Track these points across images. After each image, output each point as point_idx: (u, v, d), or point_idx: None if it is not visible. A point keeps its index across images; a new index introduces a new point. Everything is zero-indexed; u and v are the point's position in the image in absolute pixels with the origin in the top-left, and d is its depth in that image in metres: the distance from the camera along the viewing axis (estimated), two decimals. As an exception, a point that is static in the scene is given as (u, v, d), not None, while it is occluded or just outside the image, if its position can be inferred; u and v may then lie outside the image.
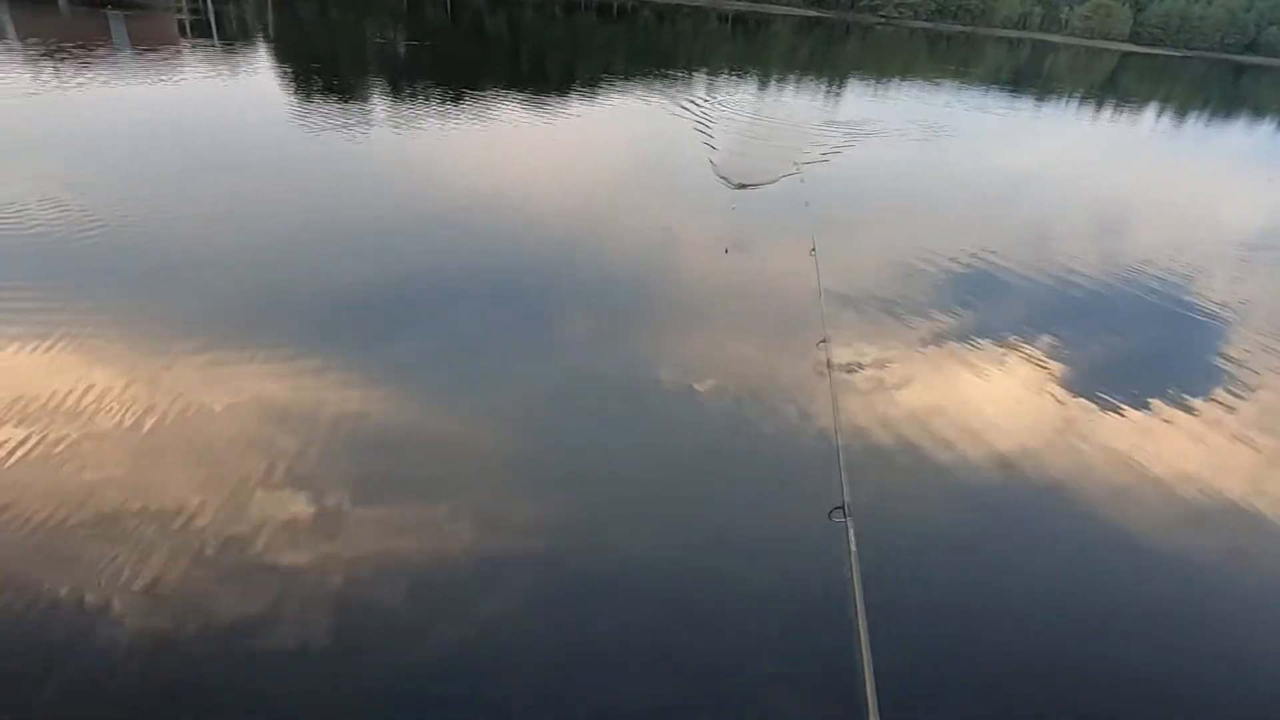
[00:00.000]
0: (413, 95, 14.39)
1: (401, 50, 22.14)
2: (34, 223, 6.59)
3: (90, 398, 4.30)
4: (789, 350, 5.81)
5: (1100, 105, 24.05)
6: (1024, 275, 7.94)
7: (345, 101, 13.06)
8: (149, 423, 4.15)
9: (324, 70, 16.36)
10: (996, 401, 5.40)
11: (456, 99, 14.05)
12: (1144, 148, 18.01)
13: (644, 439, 4.65)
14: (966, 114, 19.94)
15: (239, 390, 4.53)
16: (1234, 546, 4.23)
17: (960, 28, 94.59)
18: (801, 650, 3.26)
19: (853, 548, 3.50)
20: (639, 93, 16.45)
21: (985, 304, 7.11)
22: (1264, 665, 3.50)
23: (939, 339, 6.23)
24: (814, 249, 7.41)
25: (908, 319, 6.54)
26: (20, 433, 3.95)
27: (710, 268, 7.41)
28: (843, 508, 3.75)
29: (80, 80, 11.95)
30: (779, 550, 3.84)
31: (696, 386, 5.11)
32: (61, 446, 3.89)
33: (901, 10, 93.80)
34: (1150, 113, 23.58)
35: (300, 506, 3.69)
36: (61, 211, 6.89)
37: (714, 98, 17.38)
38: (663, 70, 21.06)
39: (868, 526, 3.68)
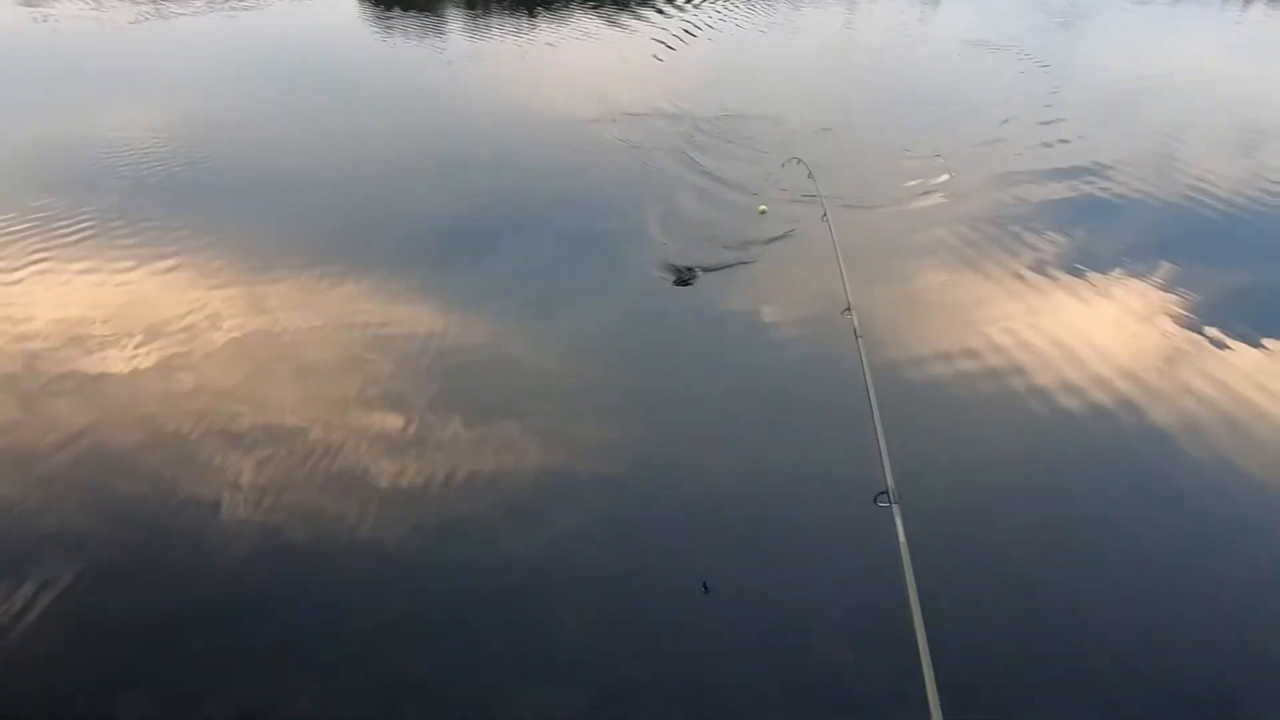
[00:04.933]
0: (486, 9, 14.07)
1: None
2: (141, 152, 6.96)
3: (201, 316, 4.63)
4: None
5: (1255, -6, 20.73)
6: (1143, 195, 7.18)
7: (422, 20, 12.96)
8: (253, 339, 4.46)
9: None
10: (1099, 334, 5.02)
11: (530, 11, 13.66)
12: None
13: (708, 369, 4.65)
14: (1094, 4, 17.56)
15: (330, 309, 4.77)
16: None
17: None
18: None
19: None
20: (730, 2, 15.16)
21: (1095, 227, 6.52)
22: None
23: (1042, 265, 5.82)
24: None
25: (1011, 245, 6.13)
26: (145, 347, 4.38)
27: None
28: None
29: (175, 10, 12.33)
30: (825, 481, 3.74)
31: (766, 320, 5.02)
32: (177, 358, 4.27)
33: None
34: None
35: (387, 420, 3.95)
36: (165, 141, 7.24)
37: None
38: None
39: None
